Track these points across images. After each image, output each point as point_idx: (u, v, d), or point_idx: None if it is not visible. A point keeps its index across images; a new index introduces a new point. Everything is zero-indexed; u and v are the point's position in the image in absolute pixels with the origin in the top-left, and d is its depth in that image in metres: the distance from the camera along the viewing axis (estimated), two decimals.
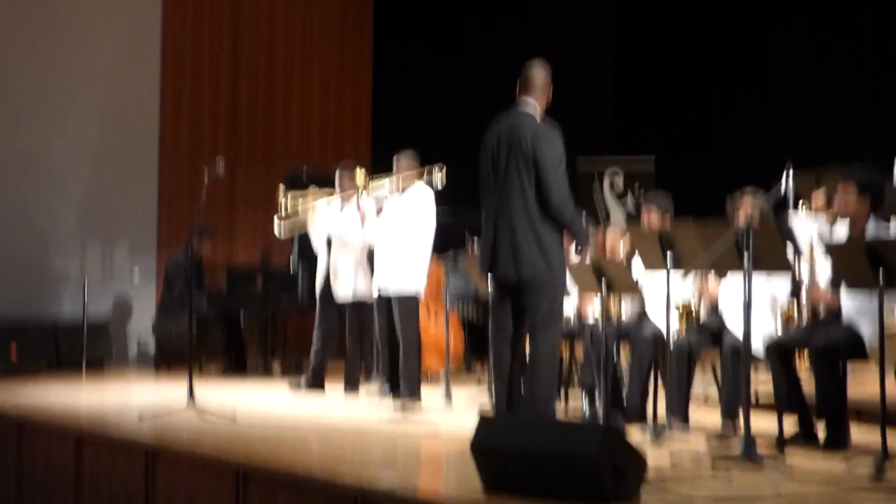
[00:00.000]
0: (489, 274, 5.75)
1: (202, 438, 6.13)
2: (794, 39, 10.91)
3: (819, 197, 7.43)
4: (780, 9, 11.05)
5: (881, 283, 4.87)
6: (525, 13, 12.62)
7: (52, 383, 9.06)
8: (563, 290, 5.64)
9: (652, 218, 6.65)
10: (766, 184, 6.26)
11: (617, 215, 10.78)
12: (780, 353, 5.62)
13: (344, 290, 8.16)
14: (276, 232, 8.49)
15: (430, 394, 7.82)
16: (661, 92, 12.10)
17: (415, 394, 7.55)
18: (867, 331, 5.39)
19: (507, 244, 5.45)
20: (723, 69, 11.63)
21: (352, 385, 8.24)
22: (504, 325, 5.62)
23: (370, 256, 8.08)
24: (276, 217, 8.45)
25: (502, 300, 5.62)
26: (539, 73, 5.68)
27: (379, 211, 7.87)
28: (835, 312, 5.61)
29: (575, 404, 7.28)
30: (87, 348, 10.17)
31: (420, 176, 7.80)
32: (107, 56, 11.65)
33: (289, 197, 8.33)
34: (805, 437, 5.60)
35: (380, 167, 8.46)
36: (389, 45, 13.47)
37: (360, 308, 8.21)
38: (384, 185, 7.81)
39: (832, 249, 5.28)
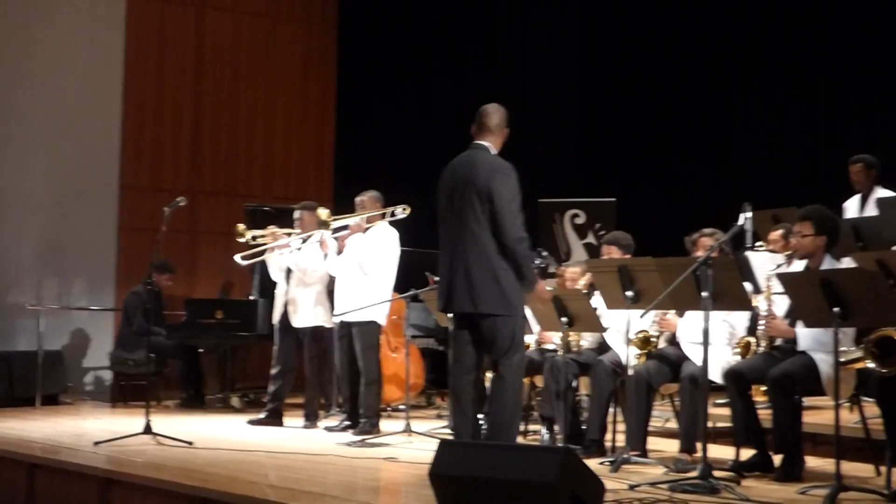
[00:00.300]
0: (446, 310, 5.75)
1: (158, 465, 6.08)
2: (753, 87, 11.11)
3: (776, 236, 7.56)
4: (739, 58, 11.26)
5: (837, 320, 4.96)
6: (489, 57, 12.75)
7: (5, 415, 8.93)
8: (521, 321, 5.63)
9: (613, 257, 6.71)
10: (725, 226, 6.35)
11: (578, 253, 10.85)
12: (737, 382, 5.68)
13: (302, 321, 8.15)
14: (236, 259, 8.46)
15: (391, 426, 7.80)
16: (623, 136, 12.25)
17: (374, 425, 7.55)
18: (823, 363, 5.46)
19: (463, 279, 5.45)
20: (684, 113, 11.79)
21: (311, 417, 8.20)
22: (463, 357, 5.62)
23: (330, 291, 8.09)
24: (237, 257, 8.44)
25: (460, 334, 5.62)
26: (494, 115, 5.73)
27: (340, 249, 7.89)
28: (791, 342, 5.69)
29: (534, 435, 7.30)
30: (42, 381, 10.04)
31: (384, 216, 7.86)
32: (68, 90, 11.63)
33: (248, 236, 8.33)
34: (761, 465, 5.65)
35: (342, 206, 8.49)
36: (353, 84, 13.53)
37: (318, 337, 8.21)
38: (347, 223, 7.85)
39: (786, 279, 5.37)
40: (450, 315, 5.93)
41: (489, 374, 6.05)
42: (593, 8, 12.45)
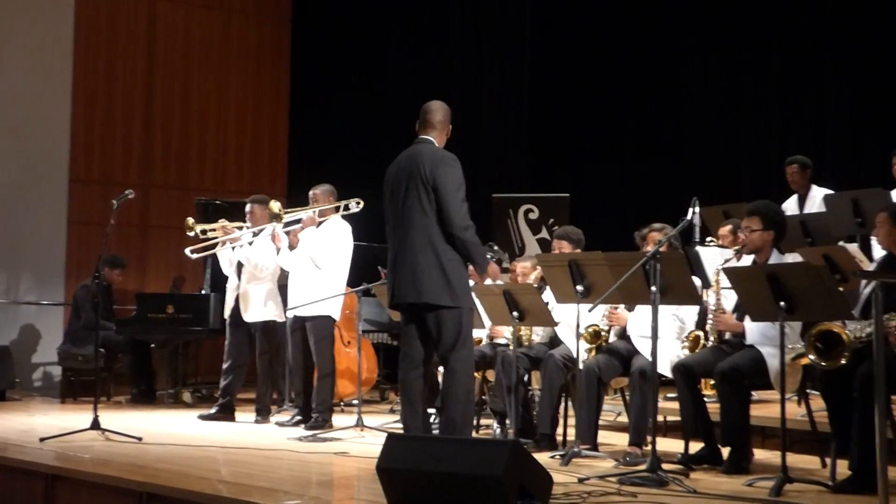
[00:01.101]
0: (393, 304, 5.68)
1: (106, 461, 6.02)
2: (705, 83, 11.20)
3: (726, 231, 7.63)
4: (692, 54, 11.35)
5: (783, 314, 5.02)
6: (442, 52, 12.75)
7: None
8: (470, 312, 5.57)
9: (564, 251, 6.74)
10: (677, 221, 6.40)
11: (532, 248, 10.89)
12: (686, 376, 5.73)
13: (253, 315, 8.12)
14: (186, 253, 8.40)
15: (343, 420, 7.79)
16: (576, 131, 12.30)
17: (327, 419, 7.53)
18: (770, 357, 5.52)
19: (409, 270, 5.42)
20: (636, 109, 11.86)
21: (263, 412, 8.17)
22: (411, 352, 5.56)
23: (282, 285, 8.06)
24: (187, 250, 8.39)
25: (409, 328, 5.57)
26: (437, 112, 5.76)
27: (294, 244, 7.85)
28: (739, 336, 5.75)
29: (486, 429, 7.32)
30: None
31: (337, 210, 7.83)
32: (16, 83, 11.49)
33: (197, 229, 8.26)
34: (710, 458, 5.70)
35: (296, 199, 8.46)
36: (307, 77, 13.49)
37: (270, 332, 8.17)
38: (300, 216, 7.82)
39: (733, 273, 5.42)
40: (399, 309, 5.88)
41: (441, 370, 6.05)
42: (546, 5, 12.48)
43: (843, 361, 4.91)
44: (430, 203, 5.40)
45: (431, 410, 6.81)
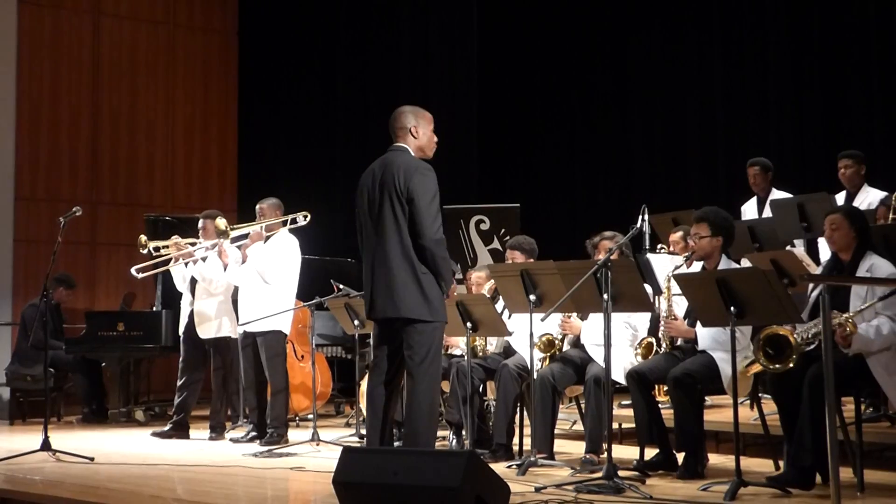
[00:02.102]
0: (371, 317, 5.49)
1: (57, 482, 5.93)
2: (653, 90, 11.31)
3: (677, 238, 7.70)
4: (638, 64, 11.46)
5: (733, 319, 5.08)
6: (391, 64, 12.76)
7: None
8: (441, 327, 5.42)
9: (517, 261, 6.76)
10: (627, 230, 6.46)
11: (484, 259, 10.91)
12: (640, 382, 5.77)
13: (207, 331, 8.06)
14: (132, 272, 8.33)
15: (298, 435, 7.75)
16: (525, 142, 12.37)
17: (282, 435, 7.49)
18: (722, 362, 5.58)
19: (384, 284, 5.28)
20: (584, 119, 11.96)
21: (217, 429, 8.11)
22: (382, 364, 5.41)
23: (235, 300, 8.02)
24: (133, 269, 8.31)
25: (382, 339, 5.42)
26: (402, 117, 5.58)
27: (244, 259, 7.81)
28: (692, 342, 5.81)
29: (442, 441, 7.31)
30: None
31: (284, 224, 7.81)
32: None
33: (150, 247, 8.19)
34: (665, 463, 5.75)
35: (247, 214, 8.41)
36: (255, 90, 13.44)
37: (224, 348, 8.12)
38: (247, 231, 7.78)
39: (683, 280, 5.47)
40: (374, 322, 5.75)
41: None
42: (493, 16, 12.54)
43: (791, 364, 4.96)
44: (404, 215, 5.28)
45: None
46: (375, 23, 12.89)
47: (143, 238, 8.22)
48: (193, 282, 8.14)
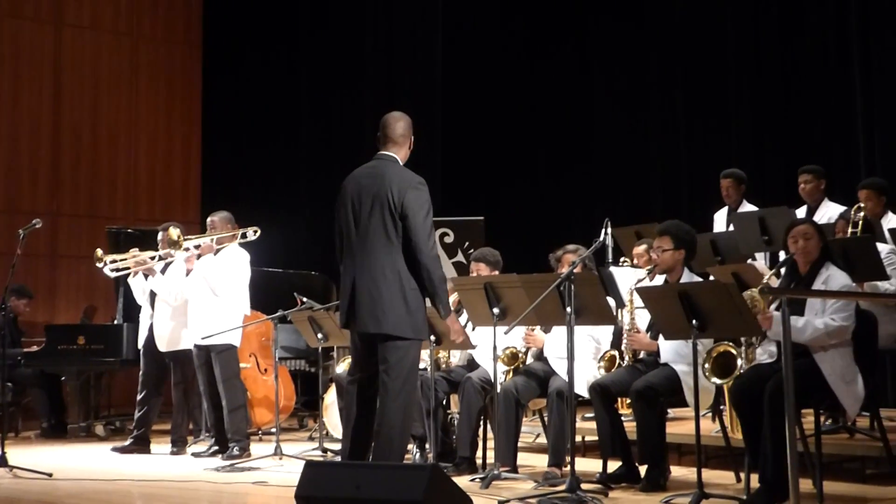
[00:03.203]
0: (349, 325, 5.35)
1: (14, 499, 5.86)
2: (614, 104, 11.38)
3: (640, 251, 7.74)
4: (601, 76, 11.53)
5: (695, 332, 5.12)
6: (354, 79, 12.76)
7: None
8: (420, 344, 5.32)
9: (481, 274, 6.77)
10: (590, 243, 6.48)
11: (448, 272, 10.91)
12: (603, 395, 5.79)
13: (167, 345, 8.00)
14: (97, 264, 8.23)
15: (261, 449, 7.70)
16: (489, 155, 12.40)
17: (244, 449, 7.43)
18: (684, 374, 5.61)
19: (368, 297, 5.14)
20: (547, 132, 12.00)
21: (179, 443, 8.03)
22: (358, 374, 5.30)
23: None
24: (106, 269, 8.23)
25: (361, 351, 5.29)
26: (398, 124, 5.41)
27: (187, 271, 7.78)
28: (654, 355, 5.84)
29: (406, 454, 7.29)
30: None
31: (235, 237, 7.78)
32: None
33: (107, 259, 8.12)
34: (628, 476, 5.76)
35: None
36: (219, 102, 13.38)
37: (185, 361, 8.05)
38: (198, 244, 7.75)
39: (646, 293, 5.50)
40: (352, 333, 5.64)
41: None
42: (457, 29, 12.58)
43: (730, 381, 5.21)
44: (395, 230, 5.13)
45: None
46: (339, 35, 12.89)
47: (100, 251, 8.15)
48: (153, 295, 8.08)
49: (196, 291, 7.68)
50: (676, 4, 10.81)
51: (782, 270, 5.73)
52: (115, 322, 9.64)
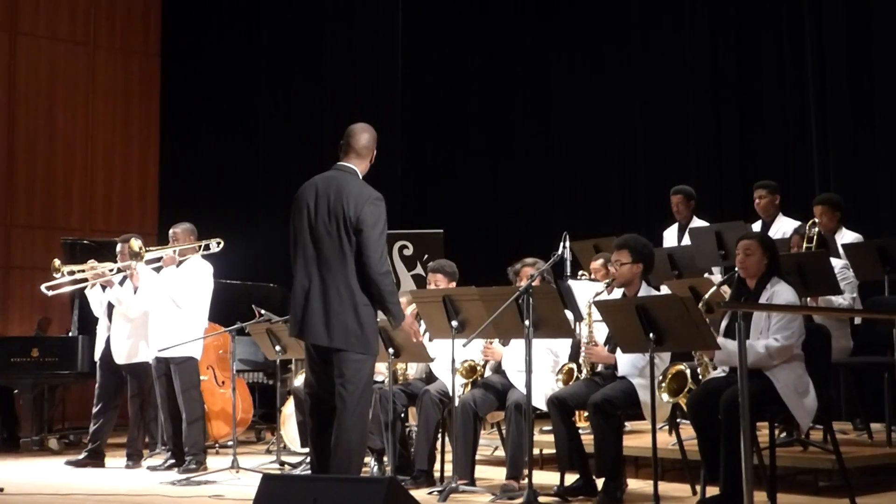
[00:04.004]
0: (300, 337, 5.33)
1: None
2: (573, 117, 11.44)
3: (598, 265, 7.79)
4: (559, 88, 11.60)
5: (652, 345, 5.16)
6: (314, 92, 12.74)
7: None
8: (374, 359, 5.28)
9: (438, 285, 6.78)
10: (549, 257, 6.52)
11: (407, 285, 10.91)
12: (560, 408, 5.81)
13: (124, 357, 7.93)
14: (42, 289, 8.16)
15: (218, 462, 7.64)
16: (448, 168, 12.44)
17: (201, 462, 7.38)
18: (641, 388, 5.65)
19: (321, 309, 5.12)
20: (506, 146, 12.06)
21: (134, 457, 7.96)
22: (314, 388, 5.29)
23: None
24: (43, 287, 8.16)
25: (314, 363, 5.28)
26: (360, 136, 5.38)
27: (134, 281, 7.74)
28: (612, 368, 5.87)
29: (363, 467, 7.26)
30: None
31: (197, 249, 7.74)
32: None
33: (64, 271, 8.05)
34: (585, 489, 5.78)
35: (167, 239, 8.29)
36: (178, 113, 13.30)
37: (141, 374, 7.98)
38: (160, 255, 7.70)
39: (604, 306, 5.54)
40: (304, 346, 5.61)
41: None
42: (418, 43, 12.62)
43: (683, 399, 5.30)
44: (350, 244, 5.11)
45: None
46: (299, 48, 12.88)
47: (57, 262, 8.07)
48: (110, 307, 8.01)
49: (158, 303, 7.62)
50: (634, 24, 10.91)
51: (724, 287, 5.83)
52: (71, 334, 9.54)
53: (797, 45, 9.35)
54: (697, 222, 8.32)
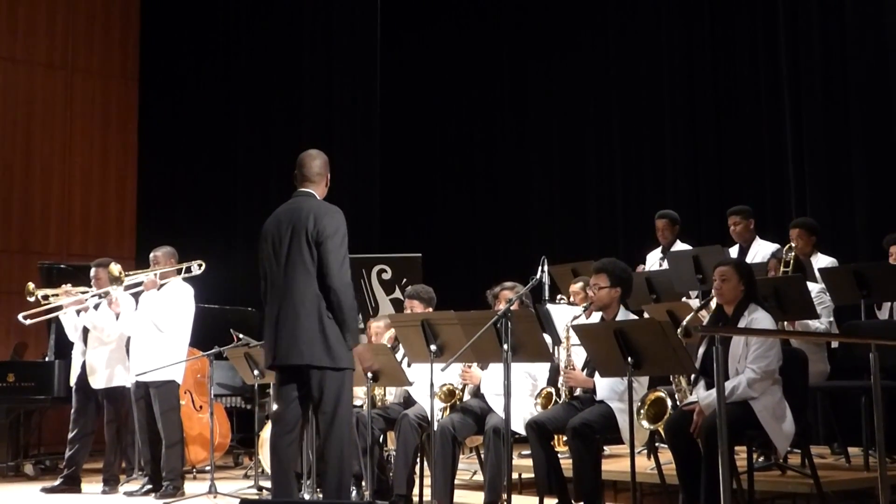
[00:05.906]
0: (273, 365, 5.35)
1: None
2: (551, 142, 11.49)
3: (577, 289, 7.81)
4: (537, 113, 11.65)
5: (630, 369, 5.18)
6: (292, 116, 12.75)
7: None
8: (350, 374, 5.31)
9: (415, 310, 6.77)
10: (527, 281, 6.53)
11: (386, 308, 10.90)
12: (539, 432, 5.81)
13: (100, 382, 7.88)
14: (19, 318, 8.11)
15: (195, 487, 7.59)
16: (427, 192, 12.47)
17: (178, 487, 7.33)
18: (620, 412, 5.65)
19: (290, 329, 5.17)
20: (484, 170, 12.10)
21: (111, 482, 7.89)
22: (287, 414, 5.30)
23: (128, 349, 7.85)
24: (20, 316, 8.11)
25: (286, 389, 5.29)
26: (314, 162, 5.52)
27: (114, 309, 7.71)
28: (590, 392, 5.87)
29: None
30: None
31: (178, 272, 7.71)
32: None
33: (38, 295, 8.00)
34: None
35: (145, 263, 8.27)
36: (156, 137, 13.27)
37: (118, 398, 7.93)
38: (141, 279, 7.67)
39: (582, 330, 5.55)
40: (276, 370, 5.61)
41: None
42: (396, 68, 12.67)
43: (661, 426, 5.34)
44: (312, 260, 5.19)
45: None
46: (277, 70, 12.89)
47: (31, 286, 8.03)
48: (86, 331, 7.96)
49: (140, 327, 7.58)
50: (611, 47, 10.98)
51: (702, 312, 5.86)
52: (47, 359, 9.47)
53: (773, 68, 9.43)
54: (680, 246, 8.36)
